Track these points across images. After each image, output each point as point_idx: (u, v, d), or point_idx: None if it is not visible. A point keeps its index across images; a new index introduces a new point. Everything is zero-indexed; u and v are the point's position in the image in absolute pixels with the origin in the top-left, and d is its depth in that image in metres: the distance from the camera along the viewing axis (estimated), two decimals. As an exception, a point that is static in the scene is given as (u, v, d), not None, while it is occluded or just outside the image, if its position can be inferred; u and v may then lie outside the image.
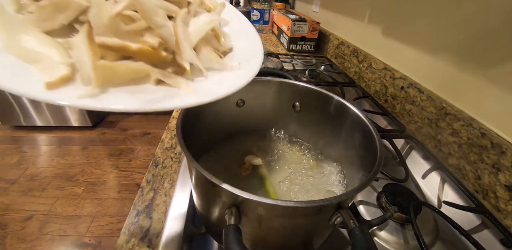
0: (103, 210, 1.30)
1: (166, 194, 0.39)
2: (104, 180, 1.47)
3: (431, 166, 0.45)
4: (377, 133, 0.30)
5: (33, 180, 1.44)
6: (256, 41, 0.28)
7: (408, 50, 0.59)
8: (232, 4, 1.91)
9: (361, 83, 0.74)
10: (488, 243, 0.34)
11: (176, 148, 0.49)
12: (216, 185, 0.21)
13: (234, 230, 0.20)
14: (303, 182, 0.37)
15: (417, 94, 0.53)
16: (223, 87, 0.21)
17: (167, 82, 0.20)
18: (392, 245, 0.35)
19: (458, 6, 0.46)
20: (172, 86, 0.20)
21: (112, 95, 0.18)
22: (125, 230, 0.33)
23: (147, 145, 1.76)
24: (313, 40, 1.05)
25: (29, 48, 0.19)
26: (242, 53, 0.26)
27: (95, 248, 1.14)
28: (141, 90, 0.19)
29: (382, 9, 0.69)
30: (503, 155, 0.36)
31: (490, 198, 0.38)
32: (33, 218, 1.24)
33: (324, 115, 0.38)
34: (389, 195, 0.37)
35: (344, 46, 0.87)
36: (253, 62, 0.25)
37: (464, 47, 0.45)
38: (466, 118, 0.42)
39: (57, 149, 1.68)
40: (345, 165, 0.38)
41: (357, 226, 0.21)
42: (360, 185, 0.23)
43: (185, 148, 0.24)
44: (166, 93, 0.19)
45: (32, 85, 0.17)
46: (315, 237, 0.29)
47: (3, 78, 0.17)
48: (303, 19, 1.00)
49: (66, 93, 0.17)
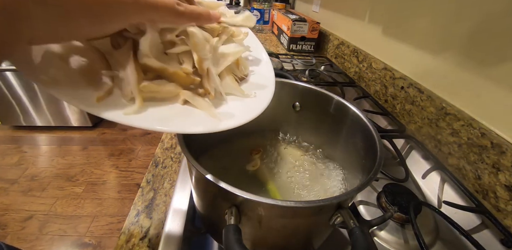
0: (103, 210, 1.30)
1: (166, 194, 0.39)
2: (104, 180, 1.47)
3: (431, 166, 0.45)
4: (377, 133, 0.30)
5: (33, 180, 1.44)
6: (269, 71, 0.30)
7: (408, 50, 0.59)
8: (232, 4, 1.91)
9: (361, 83, 0.74)
10: (488, 243, 0.34)
11: (176, 148, 0.49)
12: (216, 185, 0.21)
13: (234, 230, 0.20)
14: (303, 182, 0.37)
15: (417, 94, 0.53)
16: (240, 116, 0.23)
17: (192, 104, 0.23)
18: (392, 245, 0.35)
19: (458, 5, 0.46)
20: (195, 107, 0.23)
21: (151, 114, 0.20)
22: (125, 230, 0.33)
23: (147, 145, 1.76)
24: (313, 40, 1.05)
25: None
26: (256, 79, 0.29)
27: (95, 248, 1.14)
28: (172, 109, 0.22)
29: (382, 9, 0.69)
30: (503, 155, 0.36)
31: (490, 198, 0.38)
32: (33, 218, 1.24)
33: (324, 115, 0.38)
34: (389, 195, 0.37)
35: (344, 46, 0.87)
36: (266, 92, 0.27)
37: (464, 47, 0.45)
38: (466, 118, 0.42)
39: (57, 149, 1.68)
40: (345, 164, 0.38)
41: (357, 226, 0.21)
42: (360, 185, 0.23)
43: (185, 148, 0.24)
44: (192, 115, 0.22)
45: (84, 98, 0.19)
46: (315, 237, 0.29)
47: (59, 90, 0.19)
48: (303, 19, 1.00)
49: (109, 107, 0.20)
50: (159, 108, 0.21)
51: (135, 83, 0.20)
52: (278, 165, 0.39)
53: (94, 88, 0.20)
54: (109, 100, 0.20)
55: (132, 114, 0.20)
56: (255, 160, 0.38)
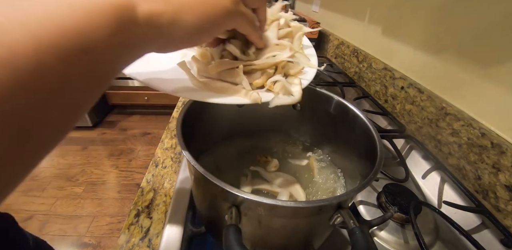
0: (103, 210, 1.30)
1: (166, 194, 0.39)
2: (104, 180, 1.47)
3: (431, 166, 0.45)
4: (377, 133, 0.30)
5: (33, 180, 1.44)
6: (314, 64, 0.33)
7: (408, 50, 0.59)
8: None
9: (361, 83, 0.74)
10: (488, 243, 0.34)
11: (176, 148, 0.49)
12: (216, 185, 0.21)
13: (234, 230, 0.20)
14: (303, 182, 0.37)
15: (417, 94, 0.53)
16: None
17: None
18: (392, 245, 0.35)
19: (458, 5, 0.46)
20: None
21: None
22: (125, 230, 0.33)
23: (147, 145, 1.76)
24: (313, 40, 1.05)
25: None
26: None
27: (95, 248, 1.14)
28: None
29: (382, 9, 0.69)
30: (503, 155, 0.36)
31: (490, 198, 0.38)
32: (33, 218, 1.24)
33: (324, 115, 0.38)
34: (389, 195, 0.37)
35: (344, 46, 0.87)
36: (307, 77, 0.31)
37: (464, 47, 0.45)
38: (466, 118, 0.42)
39: (57, 149, 1.67)
40: (345, 164, 0.38)
41: (357, 226, 0.21)
42: (360, 185, 0.23)
43: (185, 148, 0.24)
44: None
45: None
46: (315, 237, 0.29)
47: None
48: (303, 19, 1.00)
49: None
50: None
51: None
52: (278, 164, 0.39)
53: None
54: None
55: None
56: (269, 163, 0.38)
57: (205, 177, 0.22)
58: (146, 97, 1.97)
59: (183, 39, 0.20)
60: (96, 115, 1.91)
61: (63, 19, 0.12)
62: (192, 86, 0.26)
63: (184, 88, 0.26)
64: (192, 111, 0.31)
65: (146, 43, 0.18)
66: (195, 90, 0.26)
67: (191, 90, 0.26)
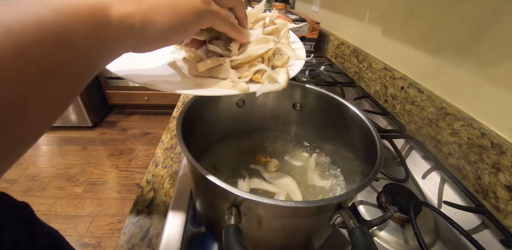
0: (103, 210, 1.30)
1: (166, 194, 0.39)
2: (104, 180, 1.47)
3: (431, 166, 0.45)
4: (377, 133, 0.30)
5: (33, 180, 1.44)
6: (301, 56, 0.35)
7: (408, 50, 0.59)
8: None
9: (361, 83, 0.74)
10: (488, 243, 0.34)
11: (176, 148, 0.49)
12: (216, 185, 0.21)
13: (234, 230, 0.20)
14: (303, 182, 0.37)
15: (417, 94, 0.53)
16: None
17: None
18: (392, 245, 0.35)
19: (458, 5, 0.45)
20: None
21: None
22: (125, 230, 0.33)
23: (147, 145, 1.76)
24: (313, 40, 1.05)
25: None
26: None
27: (95, 248, 1.14)
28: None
29: (382, 9, 0.69)
30: (503, 155, 0.36)
31: (490, 198, 0.38)
32: (33, 218, 1.24)
33: (324, 115, 0.38)
34: (389, 195, 0.37)
35: (344, 46, 0.87)
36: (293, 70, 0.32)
37: (464, 47, 0.45)
38: (466, 118, 0.42)
39: (57, 149, 1.68)
40: (345, 164, 0.38)
41: (357, 226, 0.21)
42: (360, 185, 0.23)
43: (185, 148, 0.24)
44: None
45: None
46: (315, 237, 0.29)
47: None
48: (303, 19, 1.00)
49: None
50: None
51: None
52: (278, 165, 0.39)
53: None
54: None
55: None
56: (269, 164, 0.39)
57: (205, 177, 0.22)
58: (146, 97, 1.97)
59: (157, 38, 0.21)
60: (96, 115, 1.91)
61: (40, 17, 0.14)
62: (185, 83, 0.28)
63: (178, 85, 0.27)
64: (192, 111, 0.31)
65: (121, 42, 0.19)
66: (189, 87, 0.27)
67: (184, 88, 0.27)
